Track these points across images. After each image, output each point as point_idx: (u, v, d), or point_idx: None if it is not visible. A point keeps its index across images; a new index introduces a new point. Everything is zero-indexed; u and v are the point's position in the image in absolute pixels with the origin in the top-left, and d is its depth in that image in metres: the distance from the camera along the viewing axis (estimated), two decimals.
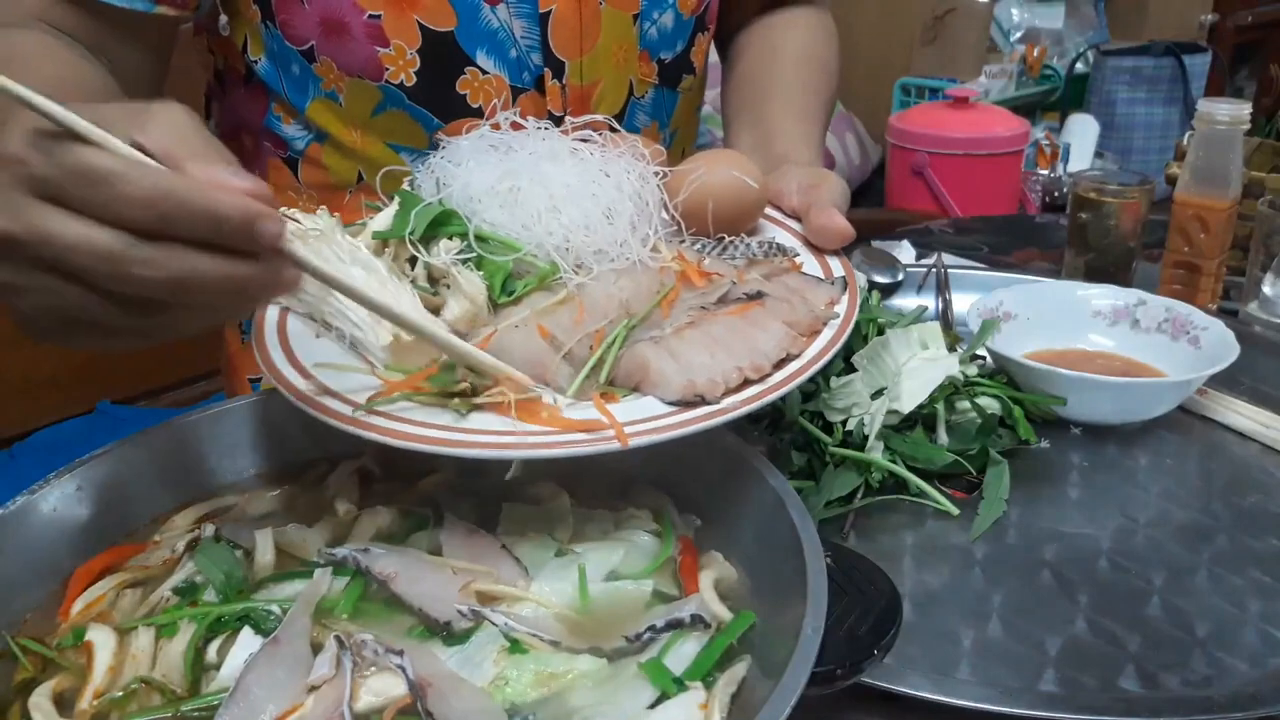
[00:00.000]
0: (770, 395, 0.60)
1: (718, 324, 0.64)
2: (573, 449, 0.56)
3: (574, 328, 0.63)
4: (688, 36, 0.99)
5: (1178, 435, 0.88)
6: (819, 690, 0.48)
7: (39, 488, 0.62)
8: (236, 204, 0.47)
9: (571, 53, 0.91)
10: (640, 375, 0.61)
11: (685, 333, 0.63)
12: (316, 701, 0.50)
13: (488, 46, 0.88)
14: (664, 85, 1.00)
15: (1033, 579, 0.71)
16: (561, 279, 0.66)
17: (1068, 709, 0.57)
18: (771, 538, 0.57)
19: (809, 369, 0.62)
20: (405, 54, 0.86)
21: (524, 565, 0.59)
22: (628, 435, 0.56)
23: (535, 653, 0.54)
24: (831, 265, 0.74)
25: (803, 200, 0.78)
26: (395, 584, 0.57)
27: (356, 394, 0.60)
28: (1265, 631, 0.66)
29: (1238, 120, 1.05)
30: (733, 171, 0.74)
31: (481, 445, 0.56)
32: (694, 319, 0.64)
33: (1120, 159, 2.65)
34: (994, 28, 2.83)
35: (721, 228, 0.74)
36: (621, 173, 0.71)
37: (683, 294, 0.67)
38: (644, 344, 0.62)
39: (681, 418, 0.58)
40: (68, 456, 0.64)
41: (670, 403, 0.59)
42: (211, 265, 0.47)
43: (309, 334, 0.67)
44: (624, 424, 0.57)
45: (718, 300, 0.66)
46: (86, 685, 0.53)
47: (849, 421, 0.78)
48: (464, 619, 0.55)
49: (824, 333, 0.66)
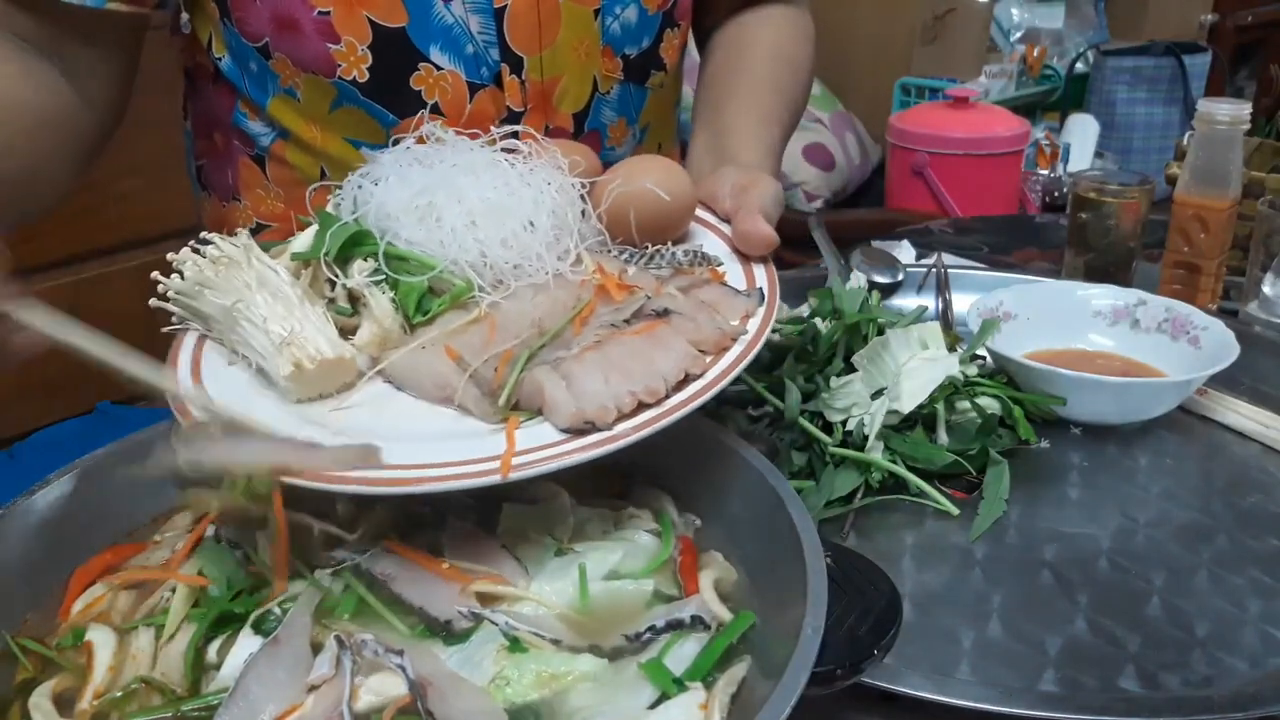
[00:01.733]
0: (664, 420, 0.58)
1: (618, 345, 0.61)
2: (451, 483, 0.55)
3: (484, 348, 0.63)
4: (654, 32, 0.98)
5: (1178, 435, 0.88)
6: (819, 690, 0.48)
7: (39, 488, 0.62)
8: None
9: (530, 48, 0.90)
10: (538, 400, 0.60)
11: (585, 355, 0.61)
12: (316, 701, 0.50)
13: (442, 42, 0.87)
14: (630, 81, 0.99)
15: (1033, 579, 0.71)
16: (476, 297, 0.65)
17: (1068, 709, 0.57)
18: (771, 538, 0.57)
19: (709, 390, 0.60)
20: (356, 50, 0.86)
21: (524, 565, 0.59)
22: (513, 466, 0.55)
23: (535, 652, 0.54)
24: (756, 274, 0.72)
25: (733, 204, 0.76)
26: (395, 584, 0.57)
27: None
28: (1265, 631, 0.66)
29: (1238, 120, 1.05)
30: (646, 183, 0.71)
31: (350, 480, 0.55)
32: (601, 338, 0.62)
33: (1120, 159, 2.64)
34: (994, 28, 2.83)
35: (646, 237, 0.72)
36: (541, 184, 0.69)
37: (598, 310, 0.65)
38: (542, 369, 0.61)
39: (569, 446, 0.57)
40: (68, 456, 0.64)
41: (562, 430, 0.58)
42: None
43: (222, 361, 0.66)
44: (518, 451, 0.56)
45: (631, 315, 0.64)
46: (86, 685, 0.53)
47: (849, 421, 0.78)
48: (464, 619, 0.55)
49: (732, 350, 0.63)
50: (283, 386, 0.63)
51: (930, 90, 2.54)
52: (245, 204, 0.97)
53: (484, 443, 0.59)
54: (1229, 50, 3.22)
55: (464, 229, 0.66)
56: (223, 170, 0.98)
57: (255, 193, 0.96)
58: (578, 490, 0.66)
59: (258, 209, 0.96)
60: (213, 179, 1.01)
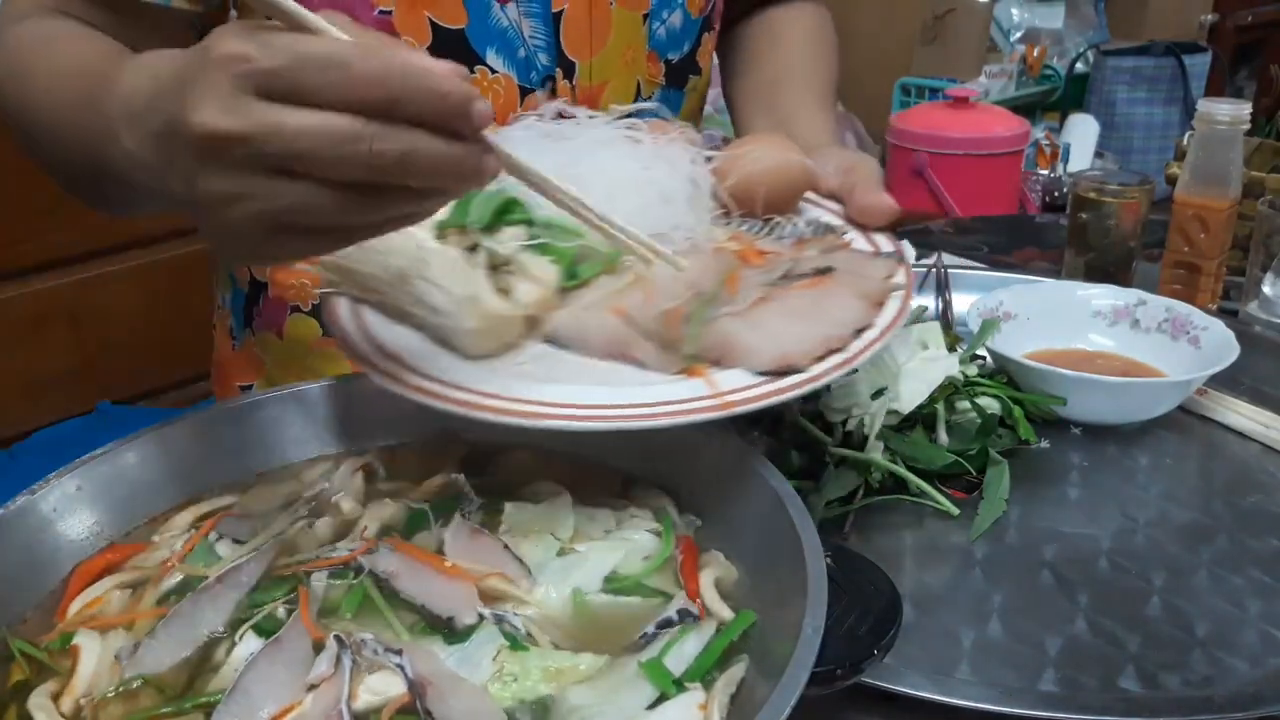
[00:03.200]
0: (857, 360, 0.62)
1: (793, 297, 0.66)
2: (676, 419, 0.57)
3: (645, 308, 0.64)
4: (695, 36, 1.00)
5: (1178, 435, 0.88)
6: (819, 690, 0.48)
7: (39, 488, 0.62)
8: (456, 83, 0.48)
9: (582, 54, 0.92)
10: (724, 349, 0.62)
11: (762, 306, 0.64)
12: (315, 700, 0.50)
13: (497, 45, 0.88)
14: (670, 86, 1.00)
15: (1033, 579, 0.71)
16: (625, 263, 0.68)
17: (1068, 709, 0.57)
18: (771, 538, 0.57)
19: (885, 336, 0.64)
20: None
21: (526, 565, 0.59)
22: (731, 403, 0.58)
23: (536, 651, 0.54)
24: (878, 242, 0.76)
25: (844, 181, 0.80)
26: (397, 581, 0.57)
27: (448, 373, 0.61)
28: (1265, 631, 0.66)
29: (1238, 120, 1.05)
30: (788, 154, 0.76)
31: (589, 417, 0.58)
32: (766, 294, 0.66)
33: (1120, 159, 2.64)
34: (994, 28, 2.83)
35: (769, 209, 0.76)
36: (675, 157, 0.73)
37: (745, 273, 0.68)
38: (725, 319, 0.64)
39: (772, 386, 0.59)
40: (68, 456, 0.64)
41: (761, 373, 0.61)
42: (431, 144, 0.48)
43: (384, 321, 0.68)
44: (723, 392, 0.59)
45: (781, 277, 0.67)
46: (66, 690, 0.53)
47: (849, 421, 0.78)
48: (467, 616, 0.55)
49: (889, 303, 0.67)
50: (463, 342, 0.64)
51: (930, 90, 2.54)
52: None
53: (674, 388, 0.61)
54: (1229, 50, 3.22)
55: (606, 200, 0.68)
56: None
57: None
58: (579, 490, 0.66)
59: None
60: None
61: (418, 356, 0.64)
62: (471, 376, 0.62)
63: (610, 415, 0.58)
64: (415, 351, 0.64)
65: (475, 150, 0.50)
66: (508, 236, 0.68)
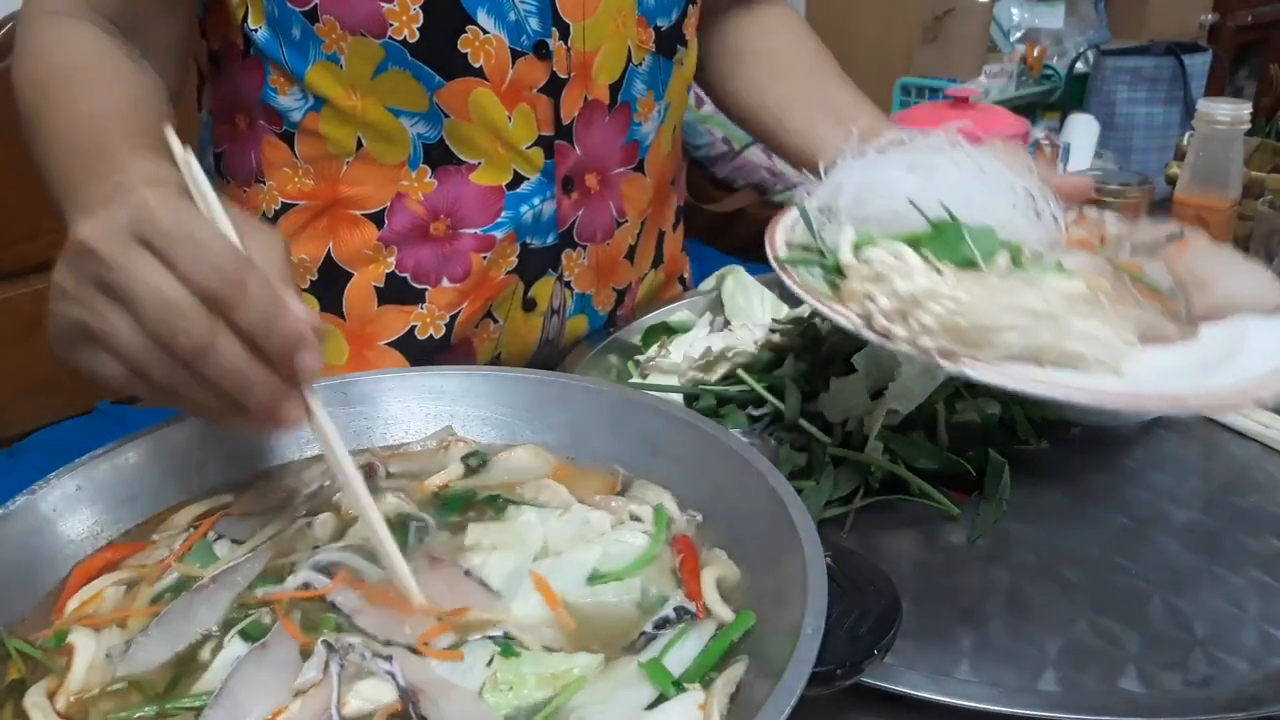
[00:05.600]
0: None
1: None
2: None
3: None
4: (682, 5, 1.00)
5: (1177, 435, 0.88)
6: (819, 690, 0.48)
7: (39, 488, 0.62)
8: (296, 322, 0.53)
9: (575, 15, 0.91)
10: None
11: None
12: (303, 706, 0.50)
13: (488, 6, 0.88)
14: (660, 54, 1.00)
15: (1033, 579, 0.71)
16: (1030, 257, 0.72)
17: (1068, 709, 0.57)
18: (771, 538, 0.57)
19: None
20: (409, 9, 0.86)
21: (492, 590, 0.57)
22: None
23: (529, 656, 0.53)
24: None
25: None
26: (359, 618, 0.55)
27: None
28: (1265, 631, 0.66)
29: (1238, 120, 1.05)
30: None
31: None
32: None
33: (1120, 159, 2.63)
34: (994, 28, 2.83)
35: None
36: (1007, 169, 0.78)
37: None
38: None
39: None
40: (68, 456, 0.64)
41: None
42: (237, 355, 0.52)
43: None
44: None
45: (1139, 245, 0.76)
46: (62, 688, 0.52)
47: (849, 421, 0.78)
48: (440, 641, 0.54)
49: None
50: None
51: (930, 90, 2.54)
52: (270, 184, 0.97)
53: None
54: (1229, 50, 3.22)
55: (967, 211, 0.72)
56: (244, 153, 0.98)
57: (281, 171, 0.96)
58: (579, 489, 0.66)
59: (283, 188, 0.96)
60: (232, 164, 1.01)
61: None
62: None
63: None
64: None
65: (277, 384, 0.54)
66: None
